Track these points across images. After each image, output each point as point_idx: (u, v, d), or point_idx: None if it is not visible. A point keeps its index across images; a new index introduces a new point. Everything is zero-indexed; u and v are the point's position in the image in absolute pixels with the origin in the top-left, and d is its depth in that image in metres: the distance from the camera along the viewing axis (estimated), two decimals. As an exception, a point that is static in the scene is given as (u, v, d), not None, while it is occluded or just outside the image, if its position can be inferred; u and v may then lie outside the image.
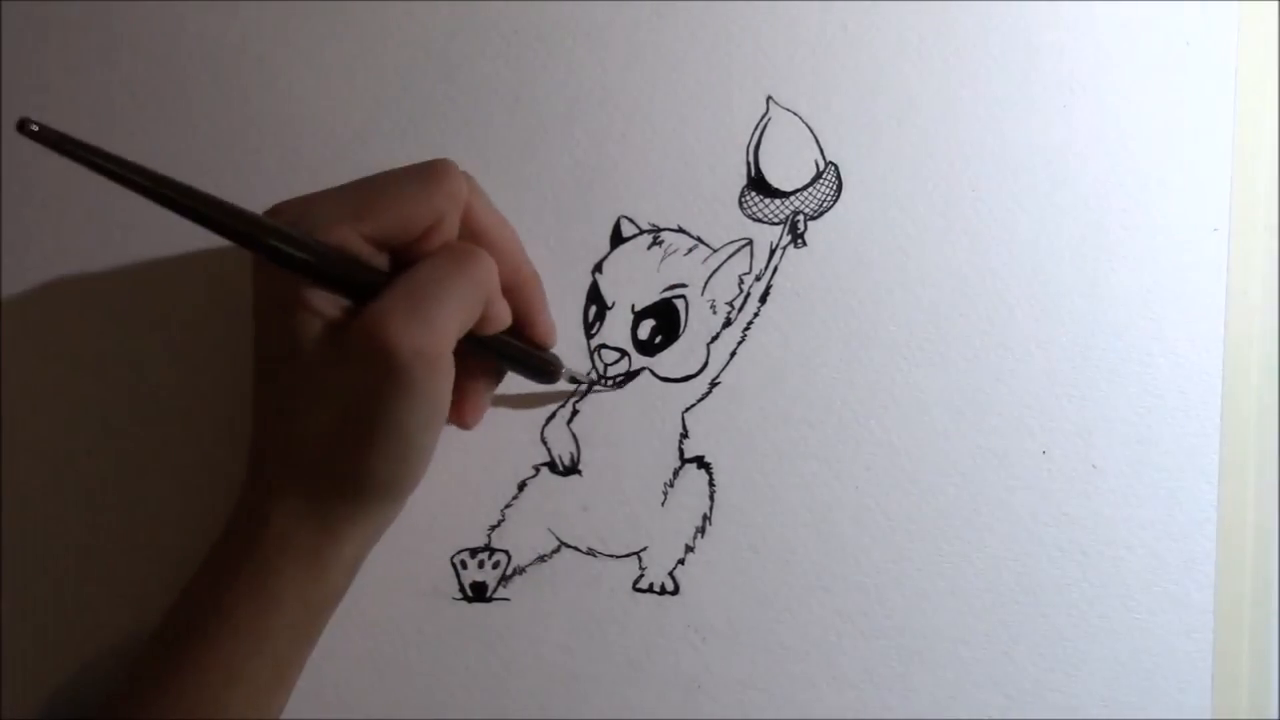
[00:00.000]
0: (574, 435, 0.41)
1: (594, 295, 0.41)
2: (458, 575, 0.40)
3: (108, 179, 0.31)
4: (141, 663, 0.34)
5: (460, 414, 0.38)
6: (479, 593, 0.40)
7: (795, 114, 0.42)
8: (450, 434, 0.40)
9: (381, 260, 0.35)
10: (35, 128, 0.30)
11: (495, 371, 0.39)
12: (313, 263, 0.33)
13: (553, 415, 0.41)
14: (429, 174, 0.35)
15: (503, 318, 0.36)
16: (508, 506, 0.41)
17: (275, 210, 0.34)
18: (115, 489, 0.40)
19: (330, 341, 0.33)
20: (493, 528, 0.40)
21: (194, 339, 0.41)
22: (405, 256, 0.35)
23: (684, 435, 0.41)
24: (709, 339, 0.41)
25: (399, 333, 0.32)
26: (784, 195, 0.42)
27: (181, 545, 0.39)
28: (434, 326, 0.33)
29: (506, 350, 0.38)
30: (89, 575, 0.40)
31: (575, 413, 0.41)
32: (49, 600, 0.40)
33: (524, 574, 0.41)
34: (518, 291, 0.37)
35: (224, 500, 0.36)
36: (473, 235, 0.36)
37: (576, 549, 0.41)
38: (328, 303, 0.33)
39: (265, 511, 0.34)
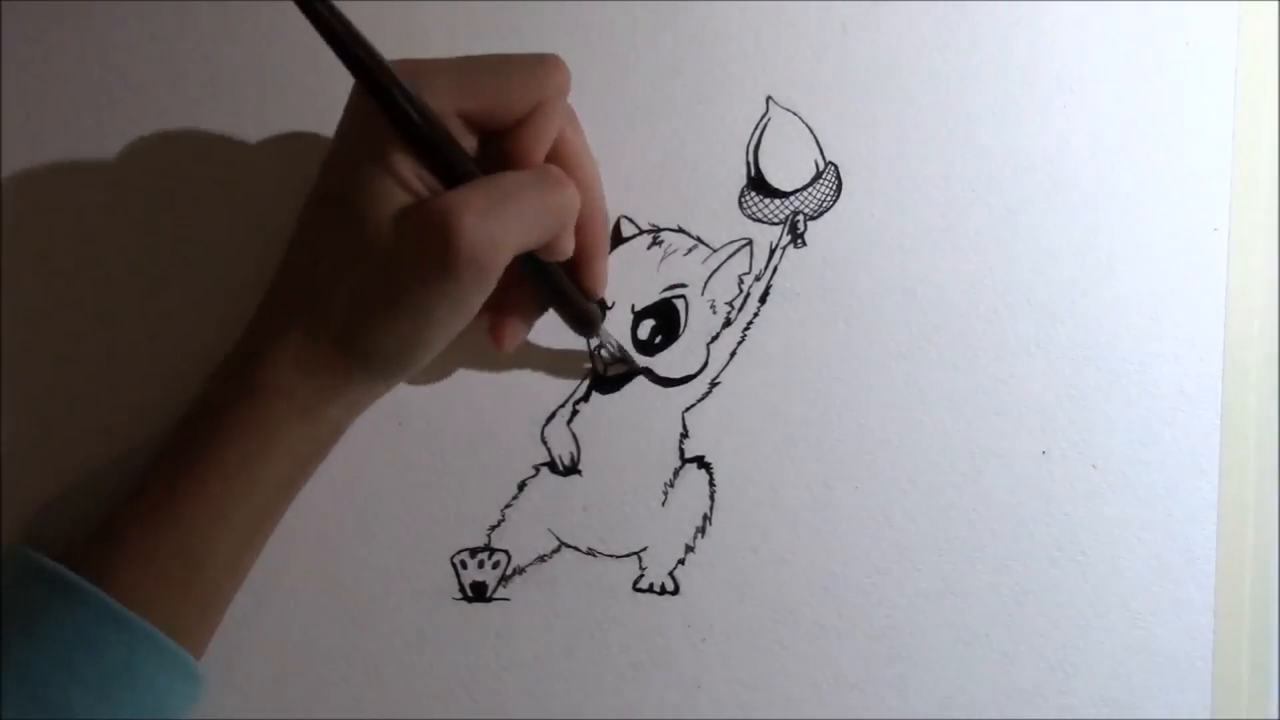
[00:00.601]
0: (574, 435, 0.41)
1: (594, 295, 0.41)
2: (458, 575, 0.40)
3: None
4: (131, 494, 0.35)
5: (499, 334, 0.38)
6: (479, 593, 0.40)
7: (795, 114, 0.42)
8: (451, 432, 0.40)
9: (470, 141, 0.35)
10: None
11: (540, 303, 0.39)
12: (421, 131, 0.33)
13: (553, 415, 0.41)
14: (537, 61, 0.35)
15: (565, 248, 0.36)
16: (508, 506, 0.41)
17: (386, 66, 0.34)
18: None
19: (397, 209, 0.33)
20: (493, 528, 0.40)
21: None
22: (497, 142, 0.35)
23: (684, 435, 0.41)
24: (709, 339, 0.41)
25: (467, 230, 0.32)
26: (784, 195, 0.42)
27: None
28: (500, 236, 0.33)
29: (558, 284, 0.38)
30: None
31: (575, 413, 0.41)
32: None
33: (524, 574, 0.41)
34: (586, 227, 0.37)
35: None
36: (561, 160, 0.36)
37: (576, 549, 0.41)
38: (411, 172, 0.34)
39: (266, 357, 0.35)
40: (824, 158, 0.42)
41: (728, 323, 0.41)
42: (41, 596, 0.33)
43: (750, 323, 0.41)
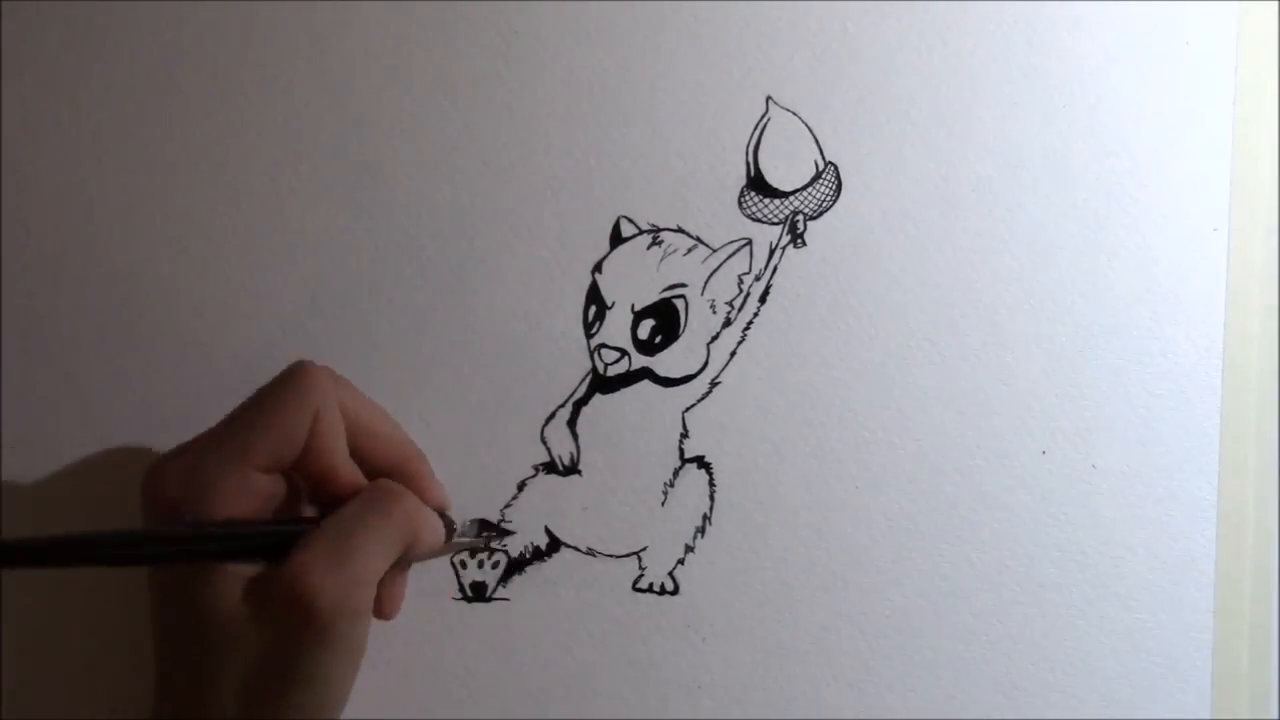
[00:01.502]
0: (574, 435, 0.41)
1: (594, 295, 0.41)
2: (457, 575, 0.40)
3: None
4: None
5: (380, 610, 0.37)
6: (479, 593, 0.40)
7: (795, 114, 0.42)
8: (450, 432, 0.40)
9: (279, 483, 0.35)
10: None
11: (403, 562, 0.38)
12: (217, 551, 0.32)
13: (553, 415, 0.41)
14: (292, 381, 0.34)
15: (434, 541, 0.36)
16: (507, 507, 0.41)
17: (159, 473, 0.33)
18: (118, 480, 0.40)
19: (246, 599, 0.32)
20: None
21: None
22: (301, 467, 0.34)
23: (684, 435, 0.41)
24: (709, 339, 0.41)
25: (322, 588, 0.32)
26: (783, 195, 0.42)
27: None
28: (358, 578, 0.32)
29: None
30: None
31: (575, 413, 0.41)
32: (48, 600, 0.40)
33: (524, 574, 0.41)
34: (403, 468, 0.37)
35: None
36: (351, 427, 0.35)
37: (576, 549, 0.41)
38: (239, 566, 0.33)
39: None
40: (824, 158, 0.42)
41: (728, 323, 0.41)
42: None
43: (750, 323, 0.41)
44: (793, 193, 0.42)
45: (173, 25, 0.41)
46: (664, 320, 0.41)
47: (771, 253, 0.42)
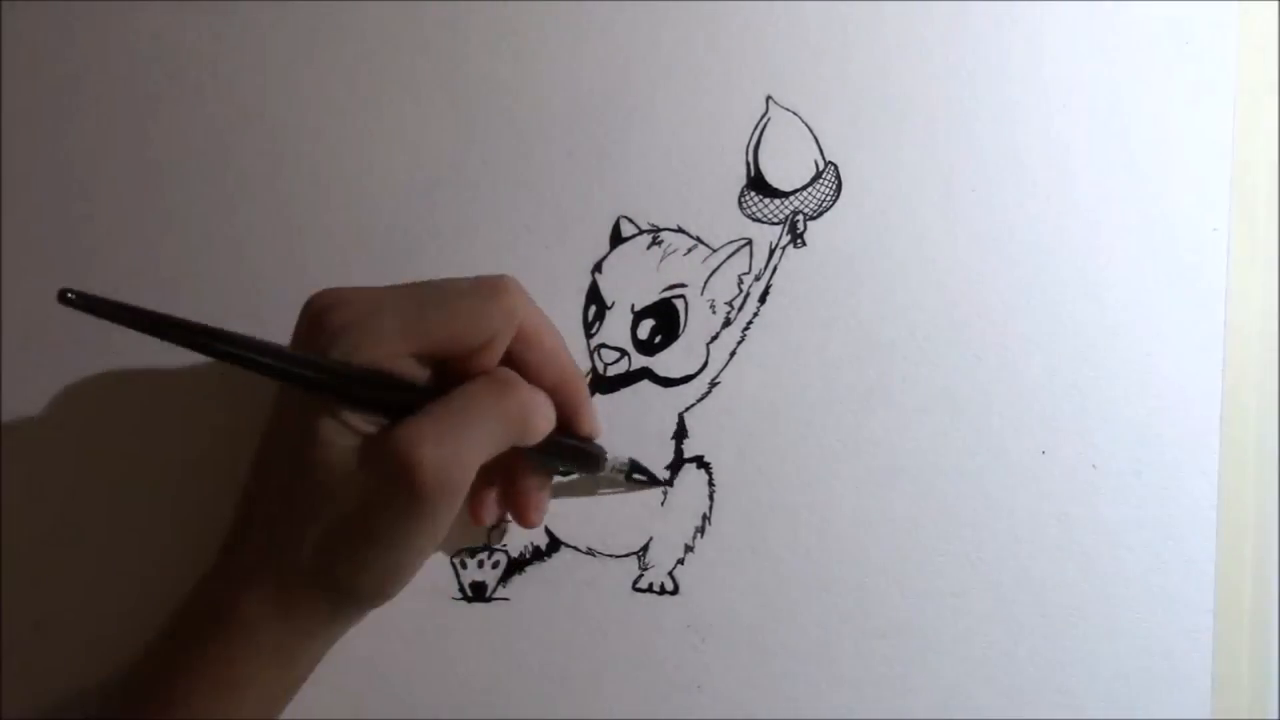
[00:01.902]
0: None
1: (594, 295, 0.41)
2: (457, 575, 0.40)
3: (143, 333, 0.31)
4: None
5: (524, 514, 0.38)
6: (479, 592, 0.40)
7: (795, 114, 0.42)
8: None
9: (423, 373, 0.34)
10: (72, 296, 0.30)
11: (547, 469, 0.39)
12: (347, 390, 0.33)
13: (553, 415, 0.41)
14: (488, 292, 0.34)
15: (543, 429, 0.36)
16: (508, 506, 0.41)
17: (324, 308, 0.34)
18: (120, 484, 0.40)
19: (353, 450, 0.33)
20: (492, 528, 0.40)
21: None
22: (453, 369, 0.35)
23: (684, 435, 0.41)
24: (708, 339, 0.41)
25: (426, 459, 0.32)
26: (783, 195, 0.42)
27: (186, 546, 0.39)
28: (461, 457, 0.33)
29: (550, 450, 0.37)
30: (91, 575, 0.40)
31: (575, 413, 0.41)
32: (49, 600, 0.40)
33: (524, 574, 0.41)
34: (561, 391, 0.37)
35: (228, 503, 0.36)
36: (522, 338, 0.35)
37: (576, 549, 0.41)
38: (359, 418, 0.33)
39: (234, 602, 0.34)
40: (824, 158, 0.42)
41: (727, 322, 0.41)
42: None
43: (750, 322, 0.41)
44: (793, 193, 0.42)
45: (173, 25, 0.41)
46: (664, 320, 0.41)
47: (771, 253, 0.42)
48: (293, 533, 0.33)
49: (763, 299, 0.41)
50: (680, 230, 0.41)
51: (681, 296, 0.41)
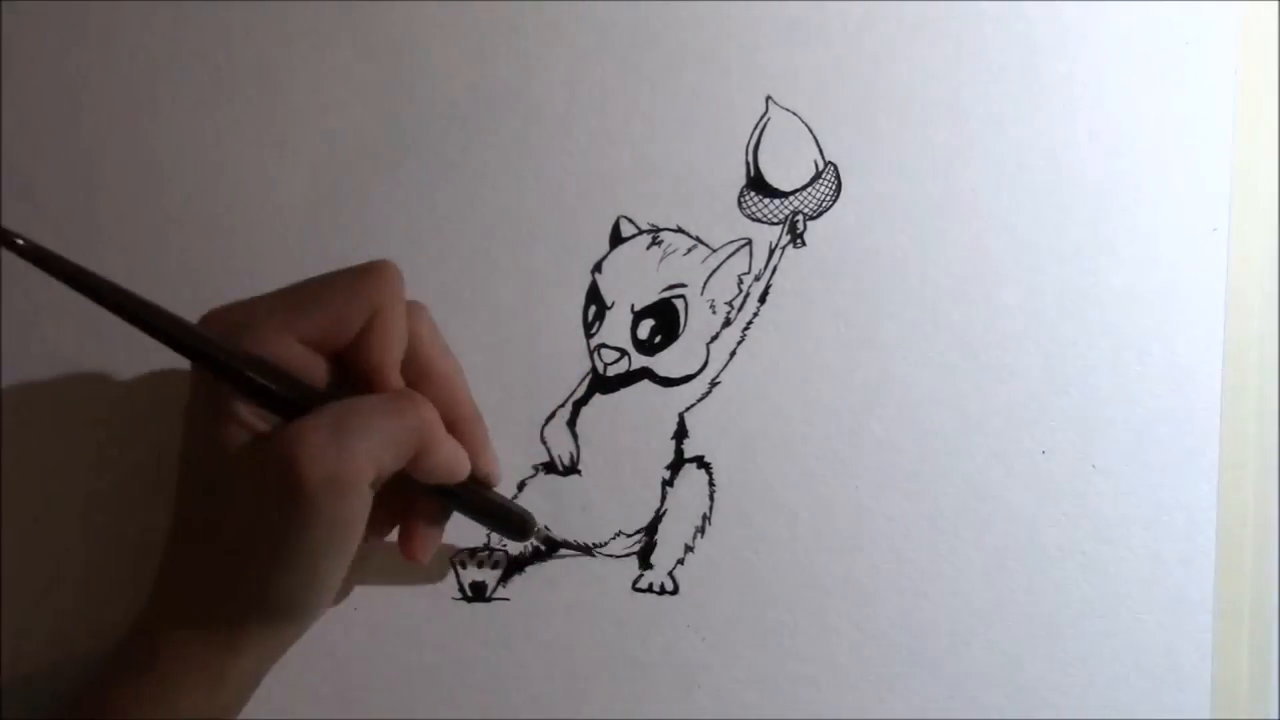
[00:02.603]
0: (574, 435, 0.41)
1: (593, 295, 0.41)
2: (457, 575, 0.40)
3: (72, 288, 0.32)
4: None
5: (410, 550, 0.37)
6: (479, 593, 0.40)
7: (795, 114, 0.42)
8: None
9: (319, 365, 0.34)
10: (20, 241, 0.31)
11: (443, 511, 0.38)
12: (240, 372, 0.32)
13: (552, 415, 0.41)
14: (363, 272, 0.34)
15: (454, 468, 0.36)
16: (507, 506, 0.41)
17: (210, 317, 0.34)
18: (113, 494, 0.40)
19: (248, 457, 0.32)
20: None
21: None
22: (348, 361, 0.34)
23: (684, 435, 0.41)
24: (708, 339, 0.41)
25: (311, 457, 0.31)
26: (783, 195, 0.42)
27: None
28: (349, 456, 0.32)
29: (471, 503, 0.37)
30: (89, 576, 0.40)
31: (575, 413, 0.41)
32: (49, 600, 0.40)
33: (524, 574, 0.41)
34: (458, 427, 0.36)
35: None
36: (417, 366, 0.35)
37: (576, 549, 0.41)
38: (255, 416, 0.33)
39: (162, 626, 0.34)
40: (823, 158, 0.42)
41: (727, 322, 0.41)
42: None
43: (750, 322, 0.41)
44: (792, 193, 0.42)
45: (173, 25, 0.41)
46: (664, 320, 0.41)
47: (771, 253, 0.42)
48: (203, 545, 0.33)
49: (763, 299, 0.41)
50: (680, 230, 0.41)
51: (681, 296, 0.41)
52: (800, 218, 0.42)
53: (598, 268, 0.41)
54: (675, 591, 0.41)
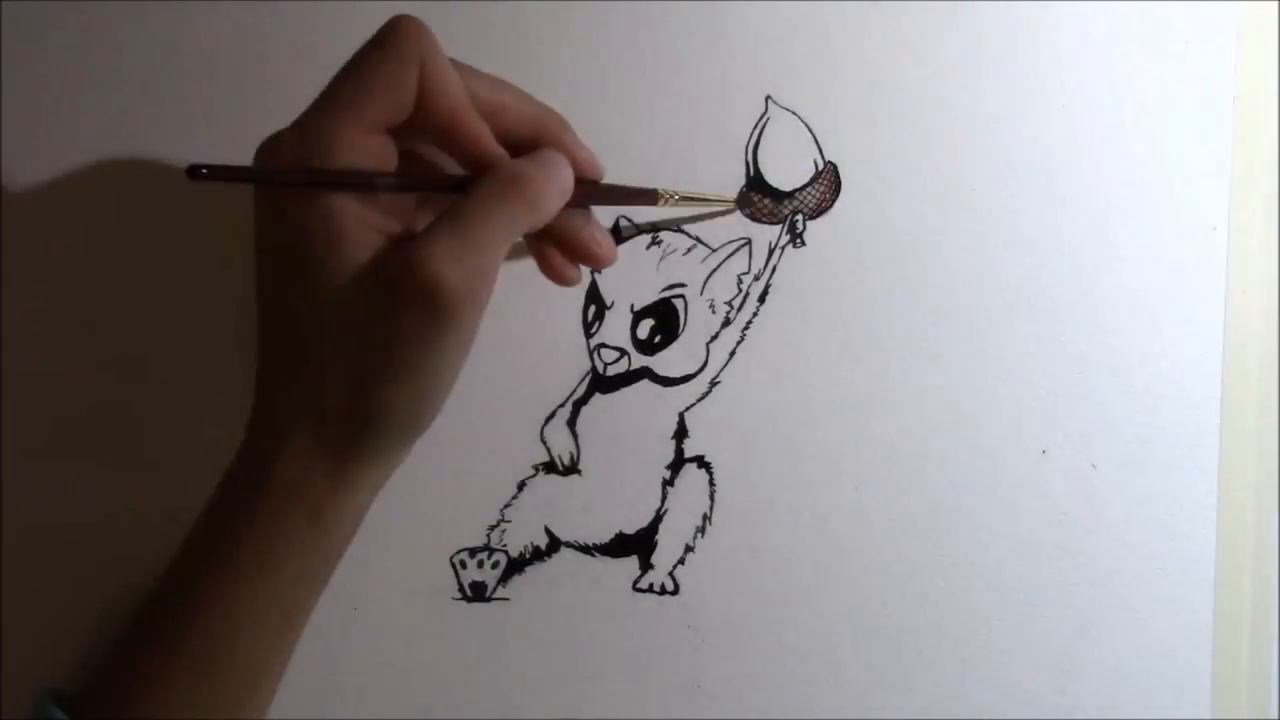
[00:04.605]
0: (574, 435, 0.41)
1: (593, 294, 0.41)
2: (457, 575, 0.40)
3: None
4: (144, 617, 0.34)
5: (595, 258, 0.37)
6: (478, 592, 0.40)
7: (795, 114, 0.42)
8: (450, 432, 0.40)
9: (391, 149, 0.33)
10: (205, 170, 0.31)
11: (582, 213, 0.37)
12: (366, 178, 0.32)
13: (552, 415, 0.41)
14: (383, 35, 0.32)
15: (558, 202, 0.35)
16: (507, 506, 0.41)
17: (270, 149, 0.32)
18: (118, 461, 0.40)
19: (375, 269, 0.32)
20: (492, 528, 0.40)
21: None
22: (424, 128, 0.33)
23: (684, 435, 0.41)
24: (708, 338, 0.41)
25: (449, 276, 0.31)
26: (783, 195, 0.42)
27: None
28: (482, 264, 0.32)
29: (600, 193, 0.37)
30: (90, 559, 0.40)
31: (575, 413, 0.41)
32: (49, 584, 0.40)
33: (524, 574, 0.41)
34: (541, 140, 0.36)
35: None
36: (479, 106, 0.34)
37: (576, 549, 0.41)
38: (365, 232, 0.32)
39: (272, 458, 0.33)
40: (823, 157, 0.42)
41: (727, 322, 0.41)
42: None
43: (749, 322, 0.41)
44: (792, 192, 0.42)
45: (173, 25, 0.41)
46: (663, 320, 0.41)
47: (771, 252, 0.42)
48: (318, 375, 0.32)
49: (762, 299, 0.41)
50: (680, 230, 0.42)
51: (681, 296, 0.41)
52: (800, 218, 0.42)
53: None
54: (675, 591, 0.41)
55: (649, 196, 0.38)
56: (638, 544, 0.41)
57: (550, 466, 0.41)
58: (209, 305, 0.40)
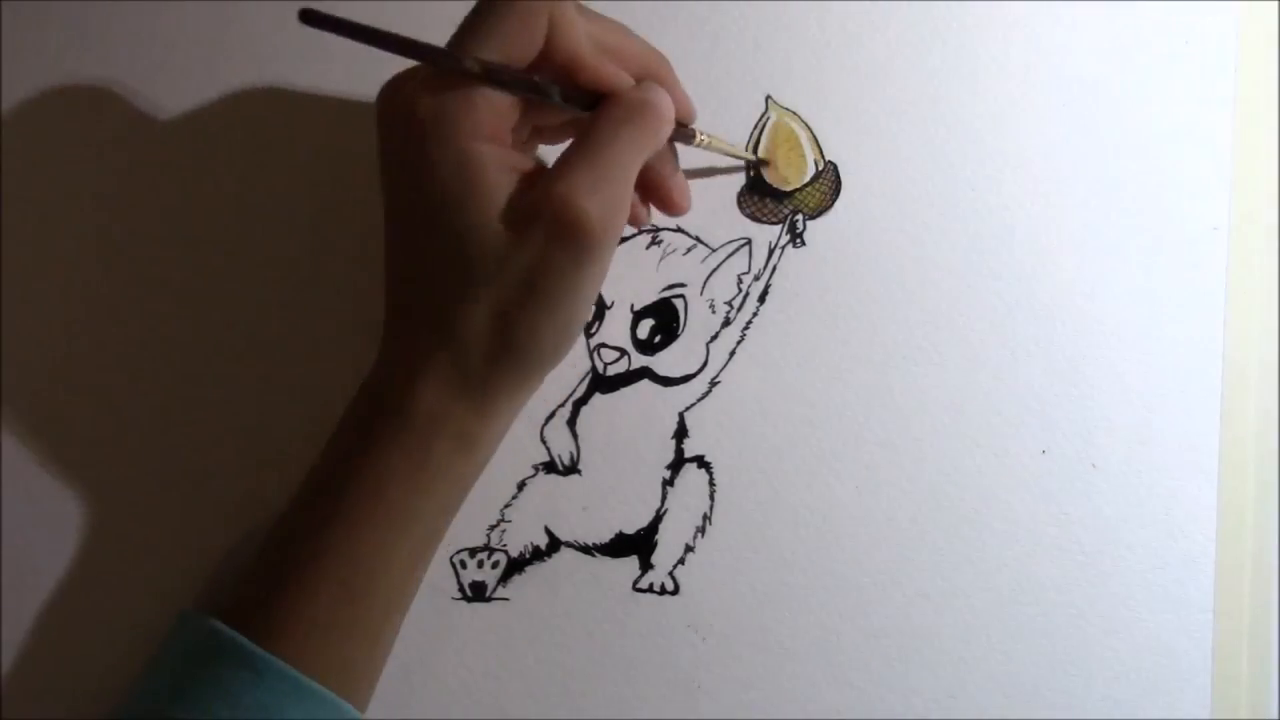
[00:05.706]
0: (574, 435, 0.41)
1: (594, 295, 0.41)
2: (457, 575, 0.40)
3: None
4: (286, 537, 0.34)
5: (673, 204, 0.38)
6: (478, 592, 0.40)
7: (795, 114, 0.42)
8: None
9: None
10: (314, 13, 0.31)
11: (673, 154, 0.38)
12: (530, 82, 0.33)
13: (552, 415, 0.41)
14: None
15: (688, 119, 0.37)
16: (507, 506, 0.41)
17: (398, 89, 0.33)
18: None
19: (509, 210, 0.33)
20: (491, 527, 0.40)
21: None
22: (547, 68, 0.34)
23: (684, 435, 0.41)
24: (708, 338, 0.41)
25: (592, 208, 0.32)
26: (783, 195, 0.42)
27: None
28: (617, 195, 0.33)
29: (689, 137, 0.38)
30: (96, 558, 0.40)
31: (575, 412, 0.41)
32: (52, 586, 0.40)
33: (524, 574, 0.41)
34: (650, 78, 0.36)
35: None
36: (596, 44, 0.35)
37: (576, 549, 0.41)
38: (501, 171, 0.33)
39: (414, 388, 0.34)
40: (823, 157, 0.42)
41: (727, 322, 0.41)
42: (223, 668, 0.32)
43: (749, 322, 0.41)
44: (793, 193, 0.42)
45: (173, 25, 0.41)
46: (663, 320, 0.41)
47: (771, 252, 0.42)
48: (462, 306, 0.33)
49: (762, 299, 0.41)
50: (679, 230, 0.42)
51: (681, 296, 0.41)
52: (800, 217, 0.42)
53: (598, 267, 0.41)
54: (675, 591, 0.41)
55: (688, 134, 0.39)
56: (638, 544, 0.41)
57: (550, 466, 0.41)
58: (209, 306, 0.40)
